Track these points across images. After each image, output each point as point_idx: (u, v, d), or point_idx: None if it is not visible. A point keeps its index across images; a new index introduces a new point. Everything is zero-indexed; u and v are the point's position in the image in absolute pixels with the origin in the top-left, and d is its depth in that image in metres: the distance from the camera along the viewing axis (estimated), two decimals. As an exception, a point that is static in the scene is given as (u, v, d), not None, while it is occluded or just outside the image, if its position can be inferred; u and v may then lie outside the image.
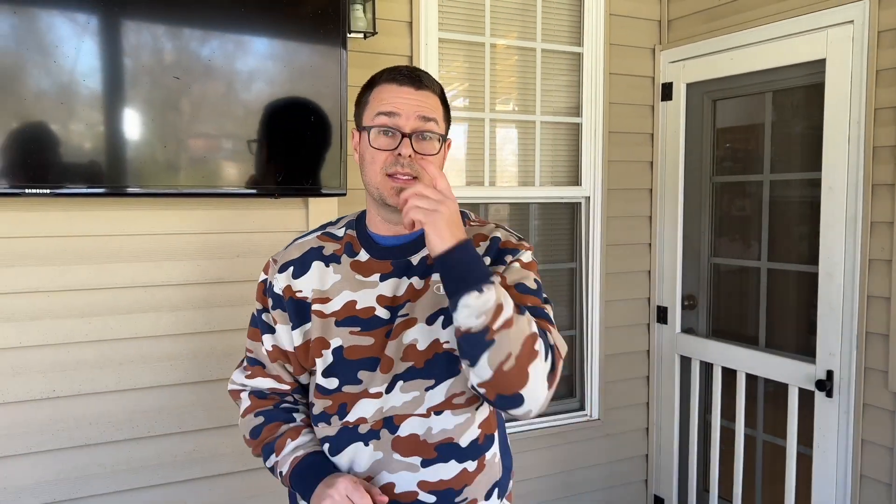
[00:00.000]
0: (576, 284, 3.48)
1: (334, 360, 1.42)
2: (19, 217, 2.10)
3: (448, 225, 1.22)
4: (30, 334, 2.12)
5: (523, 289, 1.41)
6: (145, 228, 2.24)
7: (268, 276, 1.52)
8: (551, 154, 3.38)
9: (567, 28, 3.35)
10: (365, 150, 1.41)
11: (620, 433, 3.55)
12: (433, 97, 1.42)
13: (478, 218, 1.57)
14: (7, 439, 2.11)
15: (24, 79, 1.95)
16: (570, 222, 3.47)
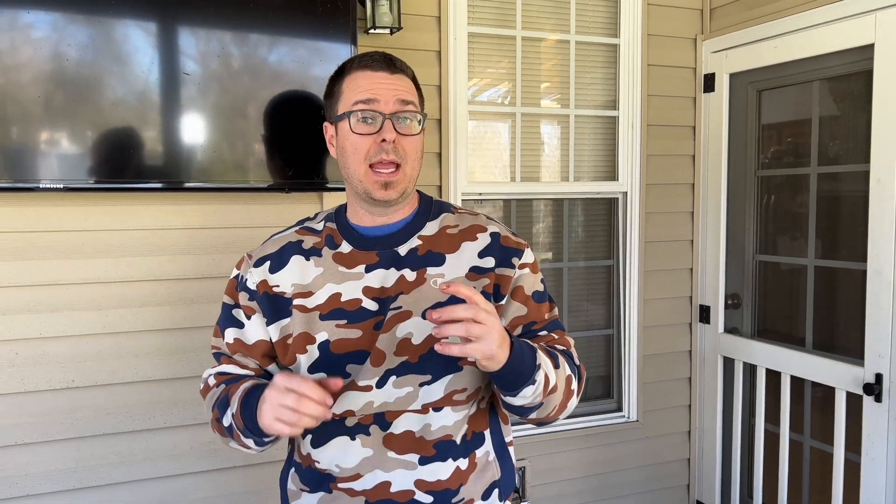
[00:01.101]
0: (613, 282, 3.36)
1: (321, 355, 1.35)
2: (37, 212, 2.13)
3: (501, 347, 1.17)
4: (50, 326, 2.16)
5: (539, 297, 1.42)
6: (160, 223, 2.25)
7: (240, 271, 1.45)
8: (586, 149, 3.27)
9: (602, 19, 3.24)
10: (345, 141, 1.35)
11: (660, 436, 3.41)
12: (407, 80, 1.38)
13: (462, 207, 1.52)
14: (28, 427, 2.15)
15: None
16: (607, 218, 3.36)
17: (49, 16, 1.99)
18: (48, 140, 2.00)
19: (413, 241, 1.39)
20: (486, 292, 1.37)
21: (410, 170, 1.36)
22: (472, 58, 3.01)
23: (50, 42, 2.00)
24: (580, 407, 3.31)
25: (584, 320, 3.34)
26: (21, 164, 1.98)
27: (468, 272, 1.38)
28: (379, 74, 1.34)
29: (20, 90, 1.97)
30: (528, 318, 1.41)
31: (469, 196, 3.02)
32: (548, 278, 3.28)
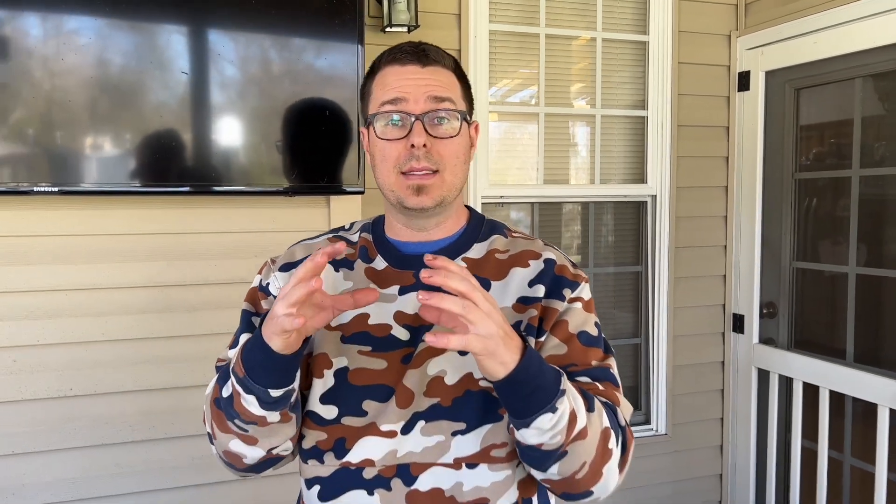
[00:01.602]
0: (641, 289, 3.20)
1: (336, 383, 1.15)
2: (37, 215, 2.06)
3: (506, 344, 0.94)
4: (48, 332, 2.08)
5: (587, 339, 1.17)
6: (160, 227, 2.16)
7: (262, 276, 1.26)
8: (614, 150, 3.11)
9: (631, 15, 3.08)
10: (374, 147, 1.16)
11: (691, 450, 3.23)
12: (445, 72, 1.16)
13: (518, 231, 1.29)
14: (25, 436, 2.07)
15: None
16: (636, 223, 3.19)
17: (94, 21, 1.95)
18: (49, 142, 1.93)
19: (456, 262, 1.15)
20: (530, 325, 1.15)
21: (451, 177, 1.14)
22: (493, 57, 2.88)
23: (94, 48, 1.95)
24: (606, 419, 3.14)
25: (610, 329, 3.18)
26: (19, 167, 1.91)
27: (515, 303, 1.17)
28: (408, 69, 1.14)
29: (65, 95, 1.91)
30: (566, 358, 1.14)
31: (490, 199, 2.89)
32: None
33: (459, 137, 1.15)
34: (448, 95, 1.14)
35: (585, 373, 1.14)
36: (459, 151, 1.16)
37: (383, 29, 2.61)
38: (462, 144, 1.16)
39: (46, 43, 1.93)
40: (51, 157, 1.94)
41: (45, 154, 1.94)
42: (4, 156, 1.91)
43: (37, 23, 1.92)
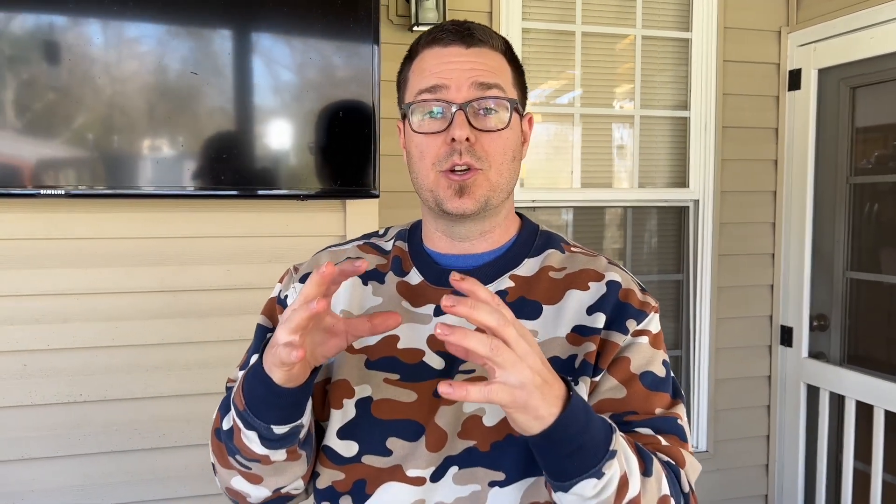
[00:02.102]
0: (682, 299, 3.01)
1: (357, 415, 0.98)
2: (45, 218, 2.01)
3: (543, 394, 0.76)
4: (59, 337, 2.03)
5: (652, 381, 0.97)
6: (171, 231, 2.09)
7: (282, 286, 1.10)
8: (654, 152, 2.94)
9: (673, 12, 2.90)
10: (410, 143, 1.00)
11: (734, 468, 3.03)
12: (494, 55, 0.99)
13: (578, 244, 1.10)
14: (35, 442, 2.02)
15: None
16: (677, 229, 3.01)
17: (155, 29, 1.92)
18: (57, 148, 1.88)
19: (503, 281, 1.01)
20: (586, 362, 0.96)
21: (496, 176, 0.97)
22: (526, 56, 2.75)
23: (154, 55, 1.93)
24: (643, 434, 2.97)
25: (649, 339, 3.01)
26: (25, 171, 1.86)
27: (570, 332, 0.98)
28: (450, 51, 0.97)
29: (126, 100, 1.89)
30: (624, 404, 0.96)
31: (521, 203, 2.75)
32: (608, 293, 2.97)
33: (509, 130, 0.97)
34: (496, 81, 0.96)
35: (647, 423, 0.95)
36: (508, 147, 0.98)
37: (410, 28, 2.51)
38: (512, 139, 0.98)
39: (108, 50, 1.90)
40: (61, 161, 1.89)
41: (53, 158, 1.89)
42: (12, 159, 1.86)
43: (99, 30, 1.90)
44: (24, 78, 1.86)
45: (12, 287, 2.00)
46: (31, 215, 1.99)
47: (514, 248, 1.05)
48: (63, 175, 1.89)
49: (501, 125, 0.97)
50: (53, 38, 1.87)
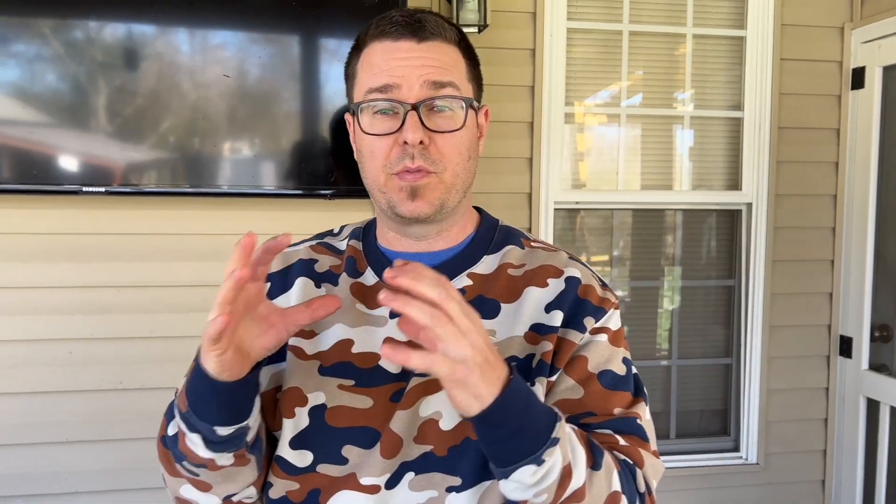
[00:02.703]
0: (733, 305, 2.89)
1: (311, 424, 0.93)
2: (87, 215, 2.10)
3: (483, 372, 0.74)
4: (101, 327, 2.12)
5: (611, 380, 0.93)
6: (205, 228, 2.15)
7: None
8: (704, 154, 2.84)
9: (726, 9, 2.79)
10: (360, 142, 0.94)
11: (787, 483, 2.88)
12: (447, 48, 0.93)
13: (539, 239, 1.05)
14: (77, 426, 2.13)
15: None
16: (729, 233, 2.89)
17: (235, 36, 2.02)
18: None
19: (461, 279, 0.97)
20: (543, 361, 0.92)
21: (451, 177, 0.93)
22: (570, 55, 2.70)
23: (235, 60, 2.02)
24: (689, 442, 2.87)
25: (698, 346, 2.91)
26: (72, 170, 1.96)
27: (528, 331, 0.94)
28: (400, 45, 0.91)
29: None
30: (581, 405, 0.92)
31: (564, 205, 2.70)
32: (654, 298, 2.88)
33: (464, 130, 0.93)
34: (449, 79, 0.91)
35: (605, 425, 0.91)
36: (464, 147, 0.93)
37: (452, 29, 2.50)
38: (467, 138, 0.94)
39: (193, 57, 1.99)
40: (101, 161, 1.98)
41: (94, 157, 1.98)
42: (93, 158, 1.96)
43: (186, 38, 1.99)
44: (115, 84, 1.97)
45: (60, 279, 2.10)
46: (72, 211, 2.08)
47: (472, 245, 1.01)
48: (103, 174, 1.98)
49: (456, 125, 0.92)
50: (143, 47, 1.98)
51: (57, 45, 1.95)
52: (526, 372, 0.92)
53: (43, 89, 1.95)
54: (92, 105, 1.98)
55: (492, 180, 2.56)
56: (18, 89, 1.94)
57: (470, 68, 0.97)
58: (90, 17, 1.96)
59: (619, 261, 2.85)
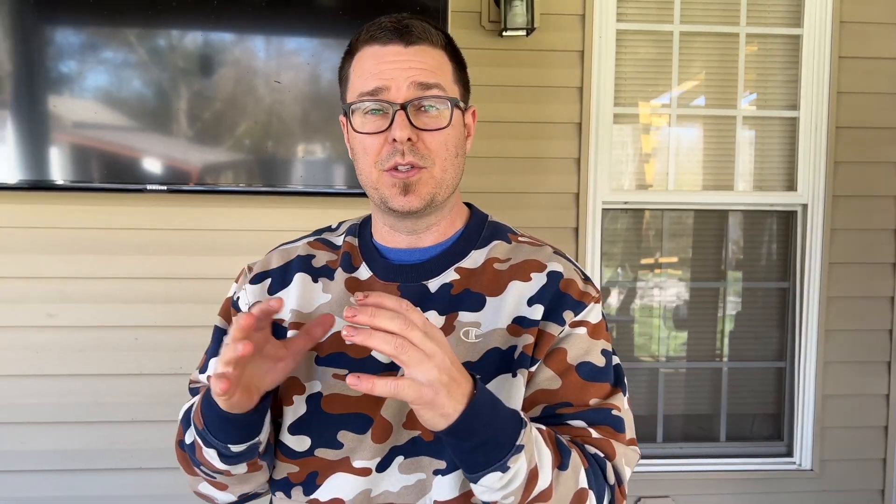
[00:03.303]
0: (788, 308, 2.82)
1: (308, 411, 0.99)
2: (149, 212, 2.26)
3: (450, 391, 0.78)
4: (163, 316, 2.28)
5: (589, 372, 0.96)
6: (261, 224, 2.28)
7: (237, 286, 1.11)
8: (757, 154, 2.79)
9: (781, 7, 2.74)
10: (353, 140, 0.99)
11: (843, 491, 2.80)
12: (433, 52, 0.98)
13: (526, 234, 1.09)
14: (142, 406, 2.29)
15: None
16: (783, 234, 2.83)
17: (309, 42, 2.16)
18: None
19: (448, 274, 1.01)
20: (524, 354, 0.96)
21: (441, 172, 0.97)
22: (620, 56, 2.71)
23: (309, 66, 2.15)
24: (740, 445, 2.83)
25: (751, 349, 2.86)
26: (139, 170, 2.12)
27: (510, 324, 0.97)
28: (389, 50, 0.96)
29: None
30: (557, 395, 0.95)
31: (612, 205, 2.71)
32: (706, 299, 2.85)
33: (450, 128, 0.97)
34: (436, 81, 0.96)
35: (580, 415, 0.95)
36: (450, 143, 0.98)
37: (500, 33, 2.55)
38: (453, 135, 0.98)
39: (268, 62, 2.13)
40: (177, 162, 2.13)
41: (159, 157, 2.13)
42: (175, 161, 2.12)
43: (262, 45, 2.13)
44: (195, 88, 2.12)
45: (127, 270, 2.26)
46: (134, 208, 2.25)
47: (460, 240, 1.05)
48: (164, 173, 2.12)
49: (442, 124, 0.96)
50: (222, 53, 2.14)
51: (142, 53, 2.11)
52: (507, 363, 0.96)
53: (129, 94, 2.11)
54: (173, 109, 2.13)
55: (536, 180, 2.60)
56: (106, 94, 2.11)
57: (456, 71, 1.01)
58: (173, 26, 2.11)
59: (668, 262, 2.84)
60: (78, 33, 2.14)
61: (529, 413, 0.95)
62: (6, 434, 2.26)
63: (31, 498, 2.29)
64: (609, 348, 1.00)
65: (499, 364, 0.95)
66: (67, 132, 2.12)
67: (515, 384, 0.94)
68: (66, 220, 2.24)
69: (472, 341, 0.96)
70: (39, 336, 2.25)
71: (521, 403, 0.95)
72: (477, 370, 0.92)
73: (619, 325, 2.86)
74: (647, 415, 2.80)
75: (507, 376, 0.95)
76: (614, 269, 2.85)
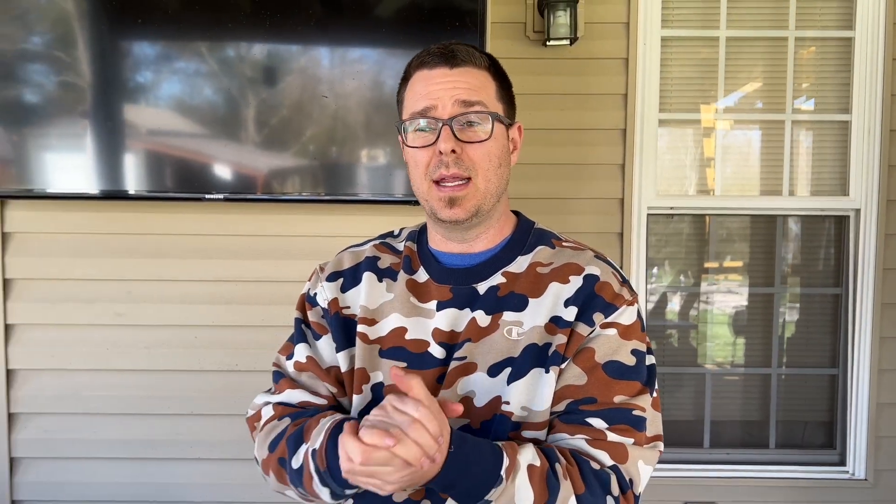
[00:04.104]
0: (840, 314, 2.76)
1: (373, 398, 1.08)
2: (212, 219, 2.39)
3: (424, 474, 0.90)
4: (222, 316, 2.41)
5: (616, 370, 1.03)
6: (313, 231, 2.40)
7: (310, 284, 1.21)
8: (807, 159, 2.74)
9: (832, 10, 2.69)
10: (406, 155, 1.10)
11: (899, 502, 2.72)
12: (478, 72, 1.07)
13: (569, 238, 1.17)
14: (201, 401, 2.42)
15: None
16: (835, 239, 2.77)
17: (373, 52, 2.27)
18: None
19: (495, 277, 1.09)
20: (556, 352, 1.03)
21: (484, 182, 1.05)
22: (665, 62, 2.71)
23: (371, 74, 2.26)
24: (790, 453, 2.78)
25: (802, 356, 2.80)
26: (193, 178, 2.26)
27: (547, 322, 1.05)
28: (436, 73, 1.06)
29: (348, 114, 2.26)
30: (582, 391, 1.02)
31: (658, 210, 2.71)
32: (755, 305, 2.82)
33: (492, 140, 1.06)
34: (478, 98, 1.05)
35: (600, 413, 1.01)
36: (493, 155, 1.06)
37: (544, 43, 2.59)
38: (496, 147, 1.07)
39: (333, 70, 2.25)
40: (223, 170, 2.26)
41: (221, 167, 2.27)
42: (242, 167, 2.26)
43: (327, 53, 2.25)
44: (262, 97, 2.24)
45: (188, 273, 2.41)
46: (197, 215, 2.39)
47: (507, 246, 1.13)
48: (225, 181, 2.25)
49: (485, 136, 1.05)
50: (287, 63, 2.26)
51: (213, 63, 2.25)
52: (541, 359, 1.04)
53: (200, 102, 2.24)
54: (241, 117, 2.25)
55: (581, 186, 2.63)
56: (178, 104, 2.25)
57: (500, 90, 1.11)
58: (241, 38, 2.23)
59: (716, 267, 2.81)
60: (153, 45, 2.28)
61: (555, 407, 1.03)
62: (80, 423, 2.44)
63: (101, 483, 2.45)
64: (642, 348, 1.06)
65: (535, 360, 1.04)
66: (141, 141, 2.26)
67: (547, 380, 1.03)
68: (135, 225, 2.40)
69: (514, 338, 1.05)
70: (109, 334, 2.42)
71: (552, 397, 1.03)
72: (517, 365, 1.03)
73: (662, 329, 2.85)
74: (693, 419, 2.78)
75: (540, 371, 1.03)
76: (661, 274, 2.84)
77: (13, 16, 2.21)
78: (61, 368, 2.43)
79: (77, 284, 2.41)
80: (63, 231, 2.41)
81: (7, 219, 2.40)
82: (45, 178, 2.26)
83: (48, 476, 2.45)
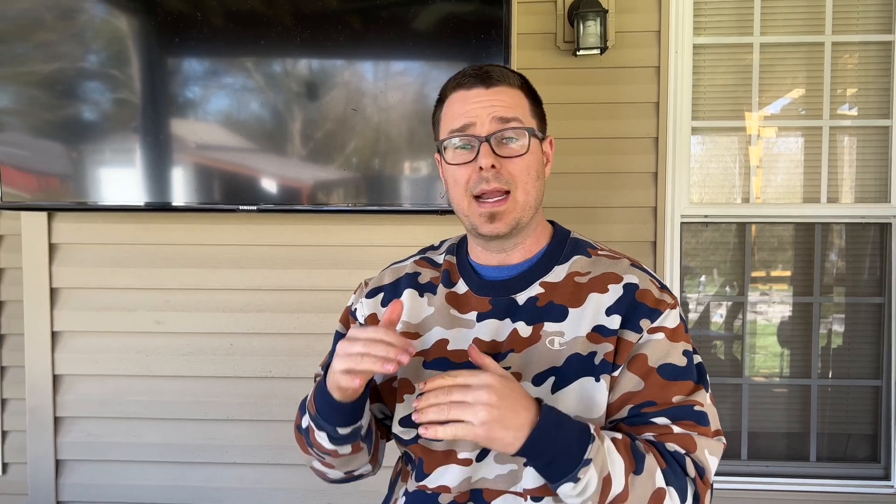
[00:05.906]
0: (883, 323, 2.65)
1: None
2: (247, 229, 2.42)
3: (506, 423, 0.92)
4: (256, 323, 2.43)
5: (671, 372, 1.05)
6: (342, 240, 2.41)
7: (355, 297, 1.26)
8: (846, 165, 2.65)
9: (871, 14, 2.60)
10: (446, 173, 1.13)
11: (948, 519, 2.59)
12: (511, 91, 1.10)
13: (604, 247, 1.18)
14: (236, 406, 2.44)
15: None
16: (877, 247, 2.67)
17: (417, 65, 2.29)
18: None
19: (534, 288, 1.12)
20: (605, 361, 1.05)
21: (523, 196, 1.08)
22: (697, 70, 2.65)
23: (415, 86, 2.27)
24: (832, 466, 2.67)
25: (844, 367, 2.70)
26: (227, 190, 2.29)
27: (590, 332, 1.07)
28: (473, 93, 1.09)
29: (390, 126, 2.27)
30: (642, 396, 1.04)
31: (692, 218, 2.65)
32: (795, 314, 2.73)
33: (529, 154, 1.09)
34: (514, 115, 1.09)
35: (663, 413, 1.03)
36: (531, 168, 1.10)
37: (575, 52, 2.57)
38: (533, 161, 1.10)
39: (376, 83, 2.27)
40: (267, 182, 2.29)
41: (265, 179, 2.30)
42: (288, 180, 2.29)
43: (371, 67, 2.28)
44: (307, 110, 2.27)
45: (224, 282, 2.43)
46: (229, 226, 2.42)
47: (545, 256, 1.15)
48: (261, 194, 2.28)
49: (522, 150, 1.08)
50: (332, 76, 2.28)
51: (259, 78, 2.28)
52: (588, 367, 1.06)
53: (246, 116, 2.27)
54: (287, 130, 2.28)
55: (614, 194, 2.59)
56: (227, 117, 2.29)
57: (533, 107, 1.13)
58: (282, 53, 2.25)
59: (753, 276, 2.73)
60: (201, 62, 2.32)
61: (617, 415, 1.05)
62: (121, 428, 2.48)
63: (141, 486, 2.49)
64: (690, 349, 1.08)
65: (580, 368, 1.05)
66: (188, 154, 2.29)
67: (599, 388, 1.05)
68: (175, 236, 2.45)
69: (557, 349, 1.07)
70: (148, 341, 2.46)
71: (605, 405, 1.04)
72: (561, 375, 1.05)
73: (696, 339, 2.78)
74: (731, 430, 2.70)
75: (590, 380, 1.05)
76: (695, 283, 2.77)
77: (71, 34, 2.26)
78: (104, 374, 2.47)
79: (119, 293, 2.46)
80: (106, 242, 2.46)
81: (54, 230, 2.46)
82: (96, 191, 2.32)
83: (91, 478, 2.50)
